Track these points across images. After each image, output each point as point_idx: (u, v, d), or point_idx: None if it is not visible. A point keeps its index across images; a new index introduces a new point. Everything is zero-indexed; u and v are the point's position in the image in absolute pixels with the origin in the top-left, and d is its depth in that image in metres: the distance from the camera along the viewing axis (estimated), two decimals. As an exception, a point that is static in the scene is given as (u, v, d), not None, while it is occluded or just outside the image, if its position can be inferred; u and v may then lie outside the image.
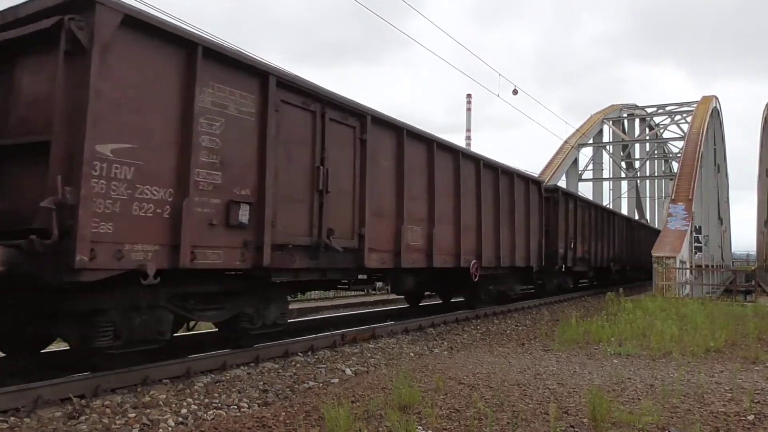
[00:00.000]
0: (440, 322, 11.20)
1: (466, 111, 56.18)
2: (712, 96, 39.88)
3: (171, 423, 4.62)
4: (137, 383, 5.51)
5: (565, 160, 39.22)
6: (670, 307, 14.03)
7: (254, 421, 4.68)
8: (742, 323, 11.25)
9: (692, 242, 24.77)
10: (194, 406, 5.06)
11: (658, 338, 9.00)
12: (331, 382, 6.24)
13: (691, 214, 25.06)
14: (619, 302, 14.67)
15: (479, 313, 12.80)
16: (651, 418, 4.67)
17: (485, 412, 4.84)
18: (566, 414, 4.92)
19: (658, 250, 22.62)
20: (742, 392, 5.79)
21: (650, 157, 50.33)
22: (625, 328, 10.15)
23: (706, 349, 8.39)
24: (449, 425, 4.57)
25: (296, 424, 4.54)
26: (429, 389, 5.70)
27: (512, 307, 14.65)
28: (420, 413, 4.81)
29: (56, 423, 4.43)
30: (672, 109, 48.88)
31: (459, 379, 6.28)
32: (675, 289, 21.36)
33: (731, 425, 4.72)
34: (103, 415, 4.67)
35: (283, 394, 5.64)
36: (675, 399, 5.45)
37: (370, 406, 4.95)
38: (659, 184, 55.76)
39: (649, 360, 7.73)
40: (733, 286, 24.95)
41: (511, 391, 5.73)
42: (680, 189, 26.91)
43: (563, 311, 15.16)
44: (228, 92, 6.16)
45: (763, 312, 13.94)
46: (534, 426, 4.57)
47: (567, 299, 19.26)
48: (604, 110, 45.67)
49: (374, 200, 8.58)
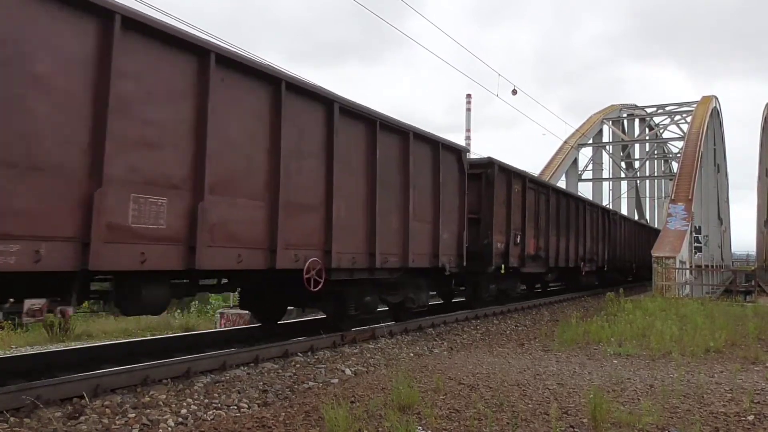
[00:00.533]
0: (440, 322, 11.20)
1: (466, 111, 56.13)
2: (711, 96, 39.91)
3: (171, 423, 4.62)
4: (137, 383, 5.51)
5: (564, 161, 39.26)
6: (669, 307, 14.04)
7: (254, 421, 4.67)
8: (742, 323, 11.26)
9: (692, 242, 24.79)
10: (194, 406, 5.06)
11: (657, 338, 9.01)
12: (331, 382, 6.24)
13: (691, 214, 25.08)
14: (618, 302, 14.68)
15: (479, 314, 12.78)
16: (651, 418, 4.68)
17: (485, 412, 4.84)
18: (566, 414, 4.92)
19: (657, 250, 22.64)
20: (741, 392, 5.79)
21: (650, 157, 50.34)
22: (624, 329, 10.16)
23: (706, 349, 8.39)
24: (449, 425, 4.57)
25: (296, 425, 4.54)
26: (429, 389, 5.70)
27: (511, 307, 14.65)
28: (420, 413, 4.81)
29: (56, 423, 4.43)
30: (672, 109, 48.91)
31: (459, 380, 6.28)
32: (675, 289, 21.38)
33: (731, 425, 4.72)
34: (102, 415, 4.67)
35: (282, 394, 5.64)
36: (675, 399, 5.45)
37: (369, 407, 4.95)
38: (659, 185, 55.76)
39: (648, 360, 7.73)
40: (733, 286, 24.92)
41: (510, 392, 5.74)
42: (680, 189, 26.93)
43: (563, 311, 15.18)
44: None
45: (762, 312, 13.96)
46: (534, 426, 4.57)
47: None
48: (604, 110, 45.70)
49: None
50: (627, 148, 49.50)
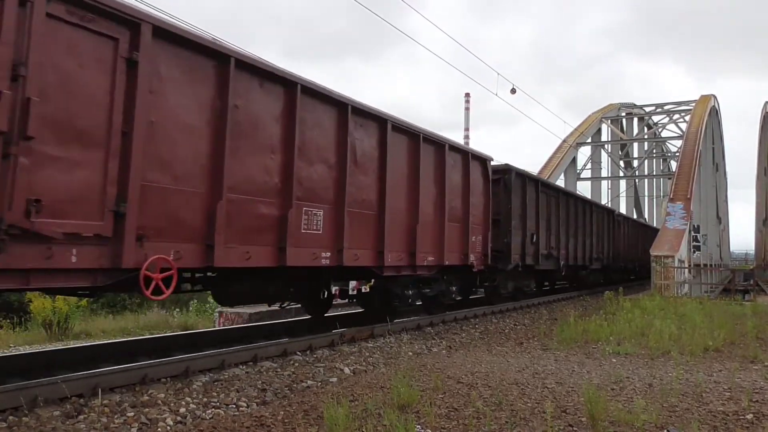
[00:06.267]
0: (438, 321, 11.20)
1: (465, 110, 56.17)
2: (710, 95, 39.97)
3: (170, 422, 4.62)
4: (136, 382, 5.51)
5: (563, 159, 39.26)
6: (668, 306, 14.06)
7: (253, 420, 4.67)
8: (741, 322, 11.27)
9: (690, 241, 24.81)
10: (193, 405, 5.06)
11: (656, 337, 9.01)
12: (330, 381, 6.24)
13: (690, 213, 25.10)
14: (617, 302, 14.69)
15: (477, 312, 12.80)
16: (649, 416, 4.68)
17: (484, 411, 4.84)
18: (565, 413, 4.93)
19: (656, 249, 22.65)
20: (740, 391, 5.79)
21: (649, 156, 50.39)
22: (623, 328, 10.17)
23: (705, 348, 8.40)
24: (448, 424, 4.57)
25: (295, 423, 4.54)
26: (427, 388, 5.70)
27: (511, 306, 14.66)
28: (419, 412, 4.81)
29: (55, 422, 4.43)
30: (670, 108, 48.97)
31: (457, 378, 6.28)
32: (673, 289, 21.40)
33: (730, 424, 4.72)
34: (101, 414, 4.66)
35: (281, 393, 5.64)
36: (673, 398, 5.46)
37: (368, 405, 4.95)
38: (658, 183, 55.80)
39: (647, 359, 7.74)
40: (732, 285, 24.94)
41: (509, 390, 5.74)
42: (678, 188, 26.95)
43: (562, 310, 15.17)
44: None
45: (761, 311, 13.98)
46: (532, 425, 4.57)
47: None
48: (603, 109, 45.73)
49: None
50: (626, 147, 49.53)
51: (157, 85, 5.52)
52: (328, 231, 7.80)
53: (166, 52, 5.63)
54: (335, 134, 8.04)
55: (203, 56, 6.06)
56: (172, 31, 5.70)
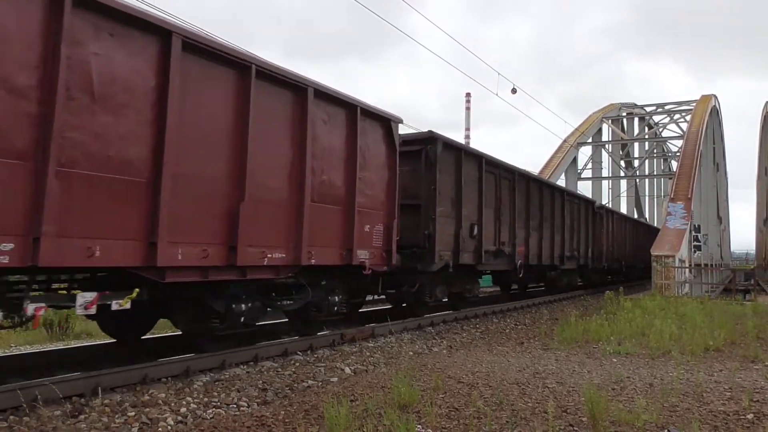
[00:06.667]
0: (439, 321, 11.20)
1: (466, 110, 56.22)
2: (711, 95, 39.99)
3: (170, 422, 4.62)
4: (136, 382, 5.51)
5: (564, 159, 39.25)
6: (669, 306, 14.06)
7: (253, 420, 4.68)
8: (741, 322, 11.27)
9: (691, 241, 24.81)
10: (193, 405, 5.06)
11: (657, 337, 9.01)
12: (331, 380, 6.24)
13: (690, 212, 25.10)
14: (618, 301, 14.69)
15: (478, 312, 12.80)
16: (650, 416, 4.68)
17: (484, 410, 4.84)
18: (565, 413, 4.93)
19: (657, 249, 22.65)
20: (741, 391, 5.79)
21: (649, 156, 50.37)
22: (624, 327, 10.17)
23: (705, 348, 8.40)
24: (448, 424, 4.57)
25: (295, 423, 4.54)
26: (428, 388, 5.71)
27: (512, 306, 14.65)
28: (419, 412, 4.81)
29: (56, 421, 4.43)
30: (671, 108, 48.97)
31: (458, 378, 6.28)
32: (674, 288, 21.40)
33: (730, 424, 4.72)
34: (102, 413, 4.67)
35: (282, 393, 5.64)
36: (674, 398, 5.45)
37: (369, 405, 4.96)
38: (658, 183, 55.81)
39: (648, 359, 7.74)
40: (732, 285, 24.93)
41: (510, 390, 5.74)
42: (679, 188, 26.95)
43: (562, 310, 15.18)
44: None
45: (762, 311, 13.98)
46: (533, 425, 4.57)
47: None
48: (603, 109, 45.72)
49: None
50: (626, 147, 49.53)
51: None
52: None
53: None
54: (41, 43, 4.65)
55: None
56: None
